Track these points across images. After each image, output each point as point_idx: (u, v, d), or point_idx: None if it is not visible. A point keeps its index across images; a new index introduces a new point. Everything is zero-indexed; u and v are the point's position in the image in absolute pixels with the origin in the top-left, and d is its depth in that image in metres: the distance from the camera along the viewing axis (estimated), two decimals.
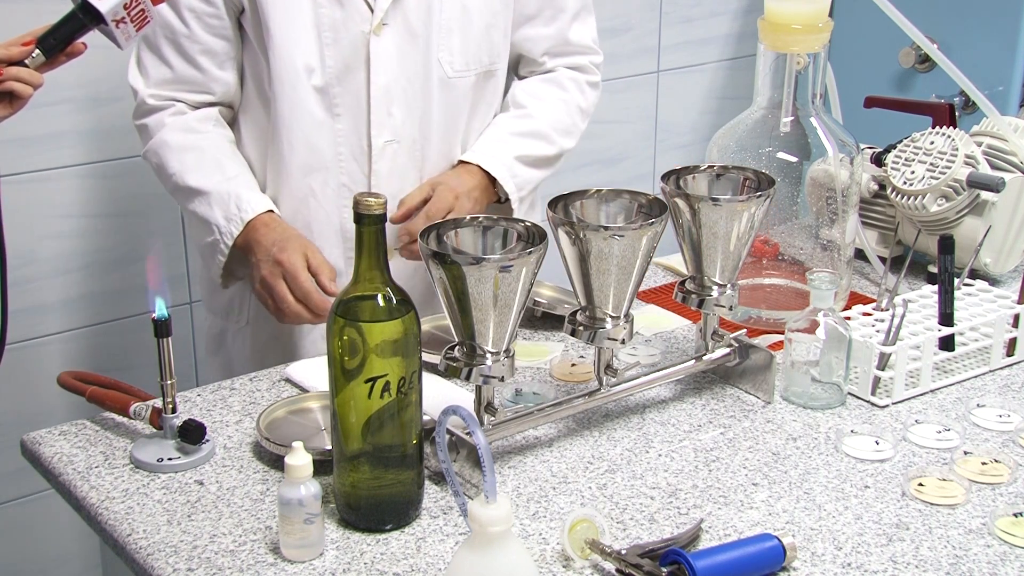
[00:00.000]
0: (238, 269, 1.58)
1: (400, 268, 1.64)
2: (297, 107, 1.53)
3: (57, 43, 1.29)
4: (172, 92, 1.56)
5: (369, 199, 1.09)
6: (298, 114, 1.54)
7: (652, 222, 1.24)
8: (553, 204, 1.27)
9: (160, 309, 1.25)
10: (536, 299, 1.58)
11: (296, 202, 1.58)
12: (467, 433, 1.17)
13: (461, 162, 1.63)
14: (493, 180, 1.62)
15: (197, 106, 1.58)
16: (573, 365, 1.48)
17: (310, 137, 1.55)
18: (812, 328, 1.36)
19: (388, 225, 1.49)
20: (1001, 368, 1.49)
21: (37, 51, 1.27)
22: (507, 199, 1.64)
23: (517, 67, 1.72)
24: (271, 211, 1.54)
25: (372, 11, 1.52)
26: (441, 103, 1.59)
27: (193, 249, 1.97)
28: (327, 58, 1.52)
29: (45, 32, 1.29)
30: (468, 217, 1.23)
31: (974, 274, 1.63)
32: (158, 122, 1.57)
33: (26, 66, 1.26)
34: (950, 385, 1.45)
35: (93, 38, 1.31)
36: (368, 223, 1.10)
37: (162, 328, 1.24)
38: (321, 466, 1.16)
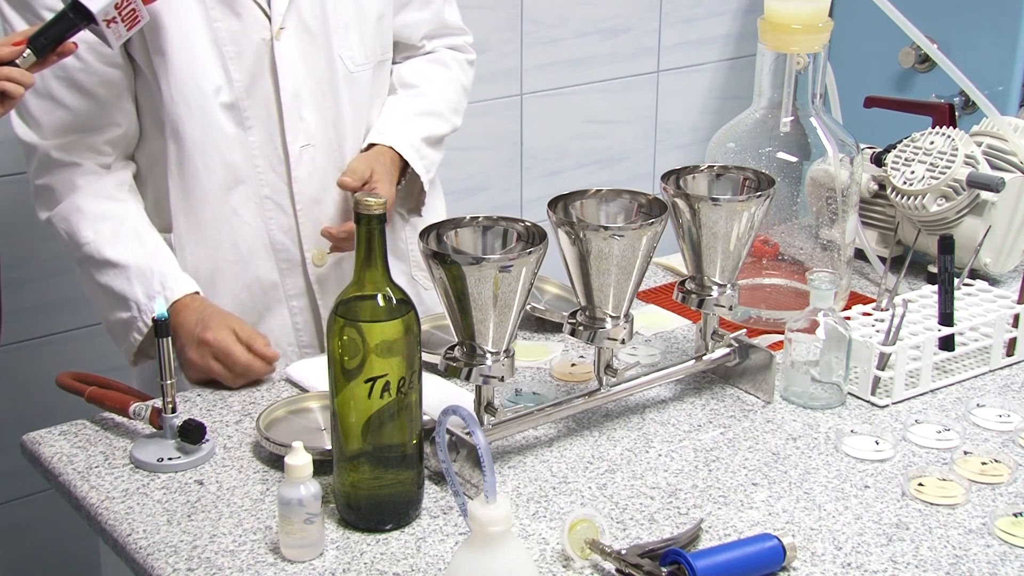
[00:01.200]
0: (151, 348, 1.50)
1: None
2: (208, 128, 1.48)
3: (48, 43, 1.28)
4: (75, 138, 1.47)
5: (369, 199, 1.09)
6: (210, 134, 1.49)
7: (652, 222, 1.24)
8: (553, 204, 1.27)
9: (160, 309, 1.25)
10: (534, 303, 1.57)
11: (219, 222, 1.53)
12: (467, 433, 1.17)
13: (371, 144, 1.60)
14: (403, 162, 1.60)
15: (104, 165, 1.51)
16: (573, 365, 1.48)
17: (225, 155, 1.50)
18: (812, 328, 1.36)
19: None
20: (1001, 368, 1.49)
21: (28, 51, 1.26)
22: (406, 181, 1.63)
23: (394, 53, 1.69)
24: (196, 292, 1.48)
25: (269, 17, 1.49)
26: (349, 100, 1.57)
27: None
28: (232, 72, 1.48)
29: (36, 32, 1.28)
30: (468, 217, 1.23)
31: (974, 274, 1.63)
32: (68, 184, 1.48)
33: (17, 66, 1.26)
34: (950, 385, 1.45)
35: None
36: (367, 223, 1.10)
37: (162, 328, 1.24)
38: (321, 466, 1.16)
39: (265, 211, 1.55)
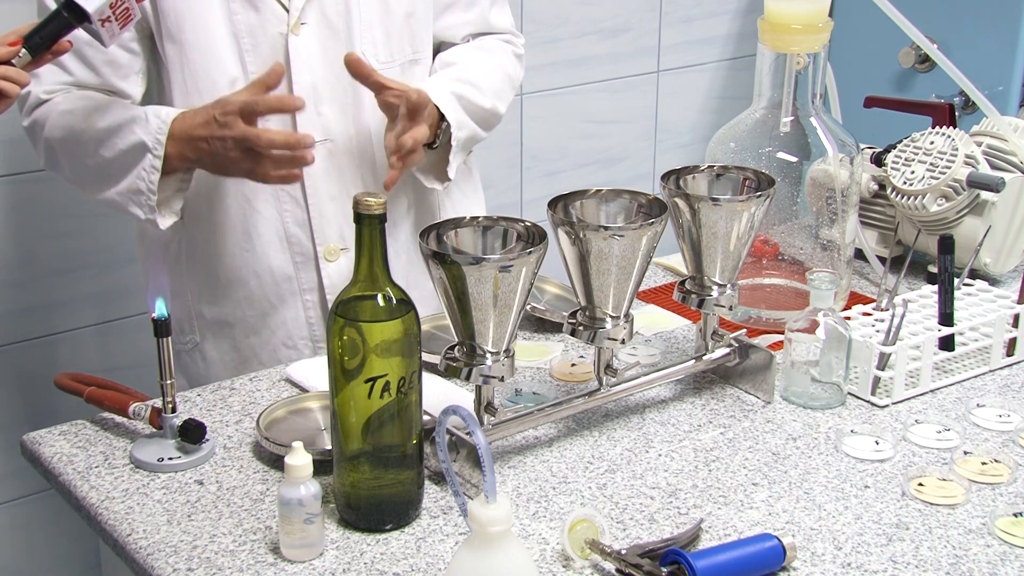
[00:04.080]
0: (173, 195, 1.50)
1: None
2: None
3: (43, 42, 1.28)
4: (68, 87, 1.50)
5: (369, 199, 1.09)
6: None
7: (652, 222, 1.24)
8: (553, 204, 1.26)
9: (160, 309, 1.25)
10: (534, 303, 1.57)
11: (232, 211, 1.55)
12: (467, 433, 1.17)
13: None
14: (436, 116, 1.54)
15: None
16: (573, 365, 1.48)
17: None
18: (812, 328, 1.36)
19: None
20: (1001, 368, 1.49)
21: (24, 50, 1.27)
22: (439, 143, 1.57)
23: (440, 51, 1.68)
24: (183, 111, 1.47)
25: (287, 11, 1.50)
26: (370, 94, 1.53)
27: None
28: (248, 64, 1.49)
29: (31, 31, 1.28)
30: (468, 217, 1.23)
31: (974, 274, 1.63)
32: (49, 107, 1.50)
33: (13, 65, 1.26)
34: (950, 385, 1.45)
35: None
36: (367, 223, 1.10)
37: (162, 328, 1.24)
38: (321, 466, 1.16)
39: (280, 203, 1.56)
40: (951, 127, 1.69)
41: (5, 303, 1.99)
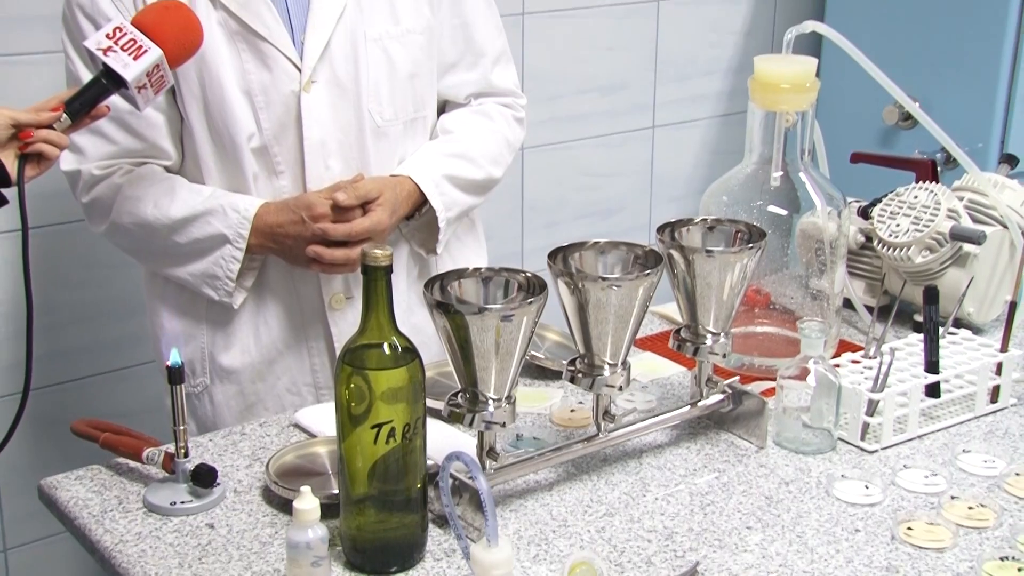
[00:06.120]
0: (248, 272, 1.55)
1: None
2: (239, 171, 1.52)
3: (83, 107, 1.31)
4: (117, 160, 1.53)
5: (376, 251, 1.10)
6: (241, 177, 1.52)
7: (648, 273, 1.24)
8: (553, 255, 1.27)
9: (174, 357, 1.25)
10: (534, 352, 1.57)
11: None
12: (470, 477, 1.17)
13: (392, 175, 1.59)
14: (422, 197, 1.59)
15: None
16: (572, 411, 1.48)
17: (256, 196, 1.53)
18: (803, 375, 1.36)
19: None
20: (985, 415, 1.49)
21: (64, 115, 1.29)
22: (424, 216, 1.61)
23: (445, 112, 1.70)
24: (266, 202, 1.52)
25: (299, 70, 1.52)
26: (375, 151, 1.57)
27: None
28: (262, 120, 1.51)
29: (71, 97, 1.31)
30: (471, 268, 1.23)
31: (958, 323, 1.63)
32: (111, 187, 1.52)
33: (54, 129, 1.28)
34: (937, 431, 1.44)
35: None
36: (375, 274, 1.10)
37: (175, 375, 1.24)
38: (328, 509, 1.16)
39: None
40: (934, 182, 1.70)
41: (22, 351, 1.99)
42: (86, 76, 1.44)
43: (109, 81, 1.31)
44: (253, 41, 1.49)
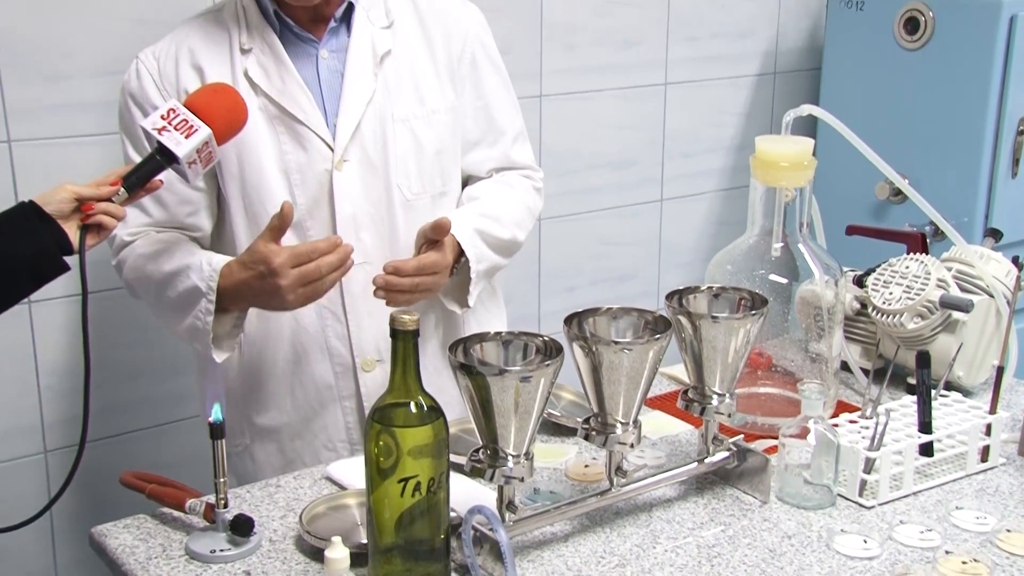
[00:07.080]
0: (224, 333, 1.51)
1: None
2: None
3: (139, 181, 1.34)
4: (147, 228, 1.55)
5: (404, 316, 1.10)
6: None
7: (658, 337, 1.24)
8: (568, 320, 1.28)
9: (216, 414, 1.25)
10: (551, 410, 1.57)
11: (281, 327, 1.57)
12: (490, 529, 1.16)
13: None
14: (457, 249, 1.56)
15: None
16: (586, 466, 1.47)
17: None
18: (803, 434, 1.35)
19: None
20: (976, 473, 1.47)
21: (122, 189, 1.32)
22: (457, 273, 1.58)
23: (466, 184, 1.71)
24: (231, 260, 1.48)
25: (332, 150, 1.53)
26: (405, 223, 1.57)
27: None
28: (297, 196, 1.52)
29: (128, 172, 1.34)
30: (492, 332, 1.24)
31: (949, 386, 1.62)
32: (129, 249, 1.55)
33: (112, 202, 1.31)
34: (931, 488, 1.43)
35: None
36: (402, 338, 1.11)
37: (217, 431, 1.25)
38: (357, 558, 1.15)
39: (323, 319, 1.57)
40: (924, 253, 1.70)
41: (78, 406, 2.00)
42: (135, 156, 1.48)
43: (163, 157, 1.34)
44: (291, 124, 1.52)
